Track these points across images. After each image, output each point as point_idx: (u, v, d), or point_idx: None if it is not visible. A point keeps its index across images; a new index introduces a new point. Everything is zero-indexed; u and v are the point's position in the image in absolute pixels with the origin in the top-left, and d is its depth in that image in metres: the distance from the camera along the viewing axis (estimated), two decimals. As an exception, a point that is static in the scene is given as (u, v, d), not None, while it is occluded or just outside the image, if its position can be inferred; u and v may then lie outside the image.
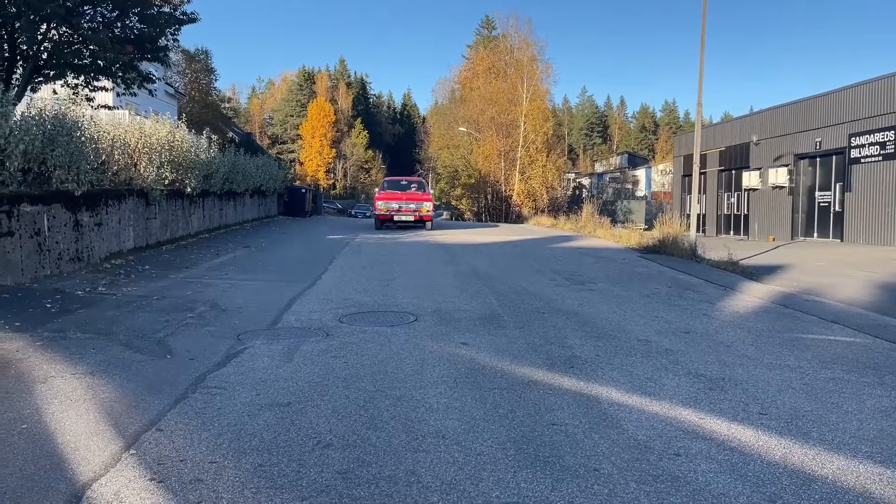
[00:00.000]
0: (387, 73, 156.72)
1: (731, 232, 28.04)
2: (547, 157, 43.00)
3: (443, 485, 3.15)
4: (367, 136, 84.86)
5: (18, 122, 8.96)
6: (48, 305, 7.40)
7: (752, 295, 9.61)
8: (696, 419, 4.15)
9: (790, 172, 23.86)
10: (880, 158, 19.61)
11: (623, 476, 3.29)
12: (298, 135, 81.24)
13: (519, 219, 39.50)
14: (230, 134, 43.34)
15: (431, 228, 21.92)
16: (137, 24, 14.66)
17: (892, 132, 19.18)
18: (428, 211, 21.94)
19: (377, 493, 3.06)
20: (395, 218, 21.46)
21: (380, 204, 21.90)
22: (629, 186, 56.30)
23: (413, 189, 23.52)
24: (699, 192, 22.07)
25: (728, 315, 7.96)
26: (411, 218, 21.59)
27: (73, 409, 4.11)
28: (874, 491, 3.20)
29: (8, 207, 8.58)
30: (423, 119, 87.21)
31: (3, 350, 5.48)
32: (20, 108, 10.15)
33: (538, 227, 29.13)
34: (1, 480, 3.12)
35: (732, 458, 3.56)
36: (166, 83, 35.60)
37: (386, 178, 27.43)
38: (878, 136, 19.64)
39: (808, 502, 3.06)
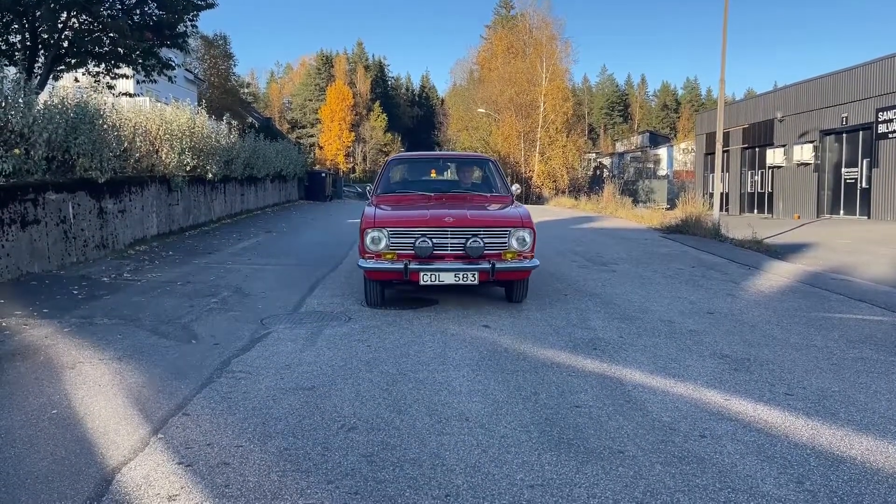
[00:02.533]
0: (405, 55, 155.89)
1: (755, 210, 27.66)
2: (567, 137, 42.68)
3: (467, 467, 3.16)
4: (386, 119, 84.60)
5: (42, 111, 9.04)
6: (75, 292, 7.51)
7: (778, 274, 9.49)
8: (722, 400, 4.11)
9: (815, 149, 23.43)
10: (909, 133, 19.18)
11: (648, 458, 3.27)
12: (317, 119, 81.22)
13: (539, 200, 39.32)
14: (250, 119, 43.53)
15: (523, 297, 6.96)
16: (156, 11, 14.71)
17: (922, 106, 18.73)
18: (520, 254, 6.38)
19: (402, 475, 3.07)
20: (422, 279, 6.15)
21: (374, 236, 6.35)
22: (651, 166, 55.72)
23: (467, 185, 8.42)
24: (722, 171, 21.77)
25: (753, 295, 7.87)
26: (471, 278, 6.16)
27: (102, 395, 4.17)
28: (905, 472, 3.15)
29: (34, 196, 8.70)
30: (442, 101, 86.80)
31: (32, 336, 5.58)
32: (43, 96, 10.25)
33: (559, 209, 29.01)
34: (32, 464, 3.18)
35: (759, 439, 3.53)
36: (186, 69, 35.79)
37: (396, 157, 9.29)
38: (907, 111, 19.19)
39: (837, 483, 3.03)
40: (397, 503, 2.82)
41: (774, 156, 25.48)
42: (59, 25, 13.49)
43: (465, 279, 6.11)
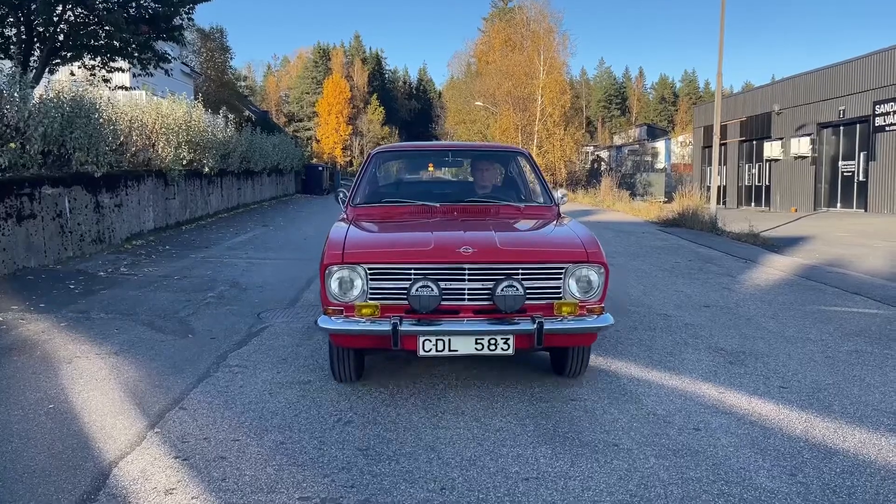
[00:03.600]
0: (402, 47, 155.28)
1: (752, 203, 27.69)
2: (564, 130, 42.60)
3: (462, 461, 3.18)
4: (383, 112, 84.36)
5: (37, 105, 9.03)
6: (71, 286, 7.51)
7: (774, 267, 9.51)
8: (716, 393, 4.14)
9: (813, 142, 23.44)
10: (906, 126, 19.20)
11: (642, 451, 3.29)
12: (315, 112, 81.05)
13: (537, 193, 39.20)
14: (247, 112, 43.39)
15: (582, 371, 4.40)
16: (152, 4, 14.67)
17: (919, 99, 18.74)
18: (582, 305, 3.89)
19: (398, 469, 3.09)
20: (423, 347, 3.73)
21: (343, 278, 3.87)
22: (648, 159, 55.71)
23: (488, 189, 5.58)
24: (719, 164, 21.77)
25: (749, 288, 7.89)
26: (503, 345, 3.75)
27: (99, 389, 4.18)
28: (897, 464, 3.17)
29: (30, 190, 8.69)
30: (439, 94, 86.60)
31: (28, 331, 5.58)
32: (38, 90, 10.23)
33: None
34: (30, 459, 3.19)
35: (753, 432, 3.55)
36: (182, 63, 35.66)
37: (385, 149, 6.15)
38: (904, 104, 19.21)
39: (830, 476, 3.05)
40: (393, 496, 2.84)
41: (772, 149, 25.49)
42: (55, 18, 13.44)
43: (492, 347, 3.73)
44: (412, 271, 3.76)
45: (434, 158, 6.77)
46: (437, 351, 3.74)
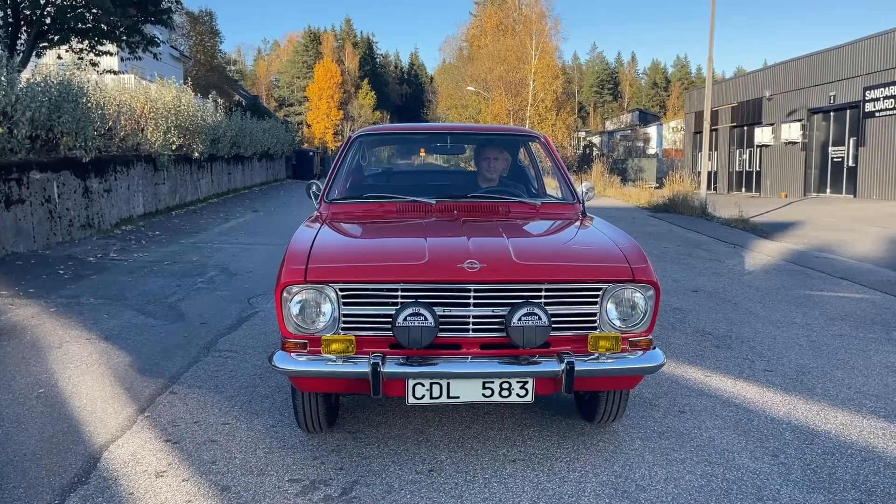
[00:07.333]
0: (393, 31, 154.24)
1: (743, 189, 27.79)
2: (557, 115, 42.58)
3: (451, 443, 3.21)
4: (375, 96, 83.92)
5: (24, 89, 8.95)
6: (61, 272, 7.49)
7: (762, 252, 9.58)
8: (702, 377, 4.19)
9: (803, 127, 23.51)
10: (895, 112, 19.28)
11: (628, 433, 3.34)
12: (305, 97, 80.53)
13: (528, 178, 39.15)
14: (236, 97, 43.15)
15: (617, 416, 3.38)
16: (139, -14, 14.52)
17: (908, 85, 18.81)
18: (625, 336, 2.97)
19: (387, 451, 3.12)
20: (414, 392, 2.82)
21: (307, 302, 2.85)
22: (640, 144, 55.68)
23: (495, 181, 4.44)
24: (710, 149, 21.84)
25: (737, 273, 7.96)
26: (520, 391, 2.84)
27: (89, 374, 4.20)
28: (877, 445, 3.23)
29: (18, 175, 8.63)
30: (431, 79, 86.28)
31: (18, 316, 5.58)
32: (25, 74, 10.14)
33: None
34: (21, 443, 3.21)
35: (737, 414, 3.60)
36: (171, 46, 35.39)
37: (368, 132, 4.90)
38: (894, 90, 19.26)
39: (811, 456, 3.11)
40: (382, 478, 2.87)
41: (763, 134, 25.55)
42: (41, 1, 13.30)
43: (505, 394, 2.85)
44: (399, 293, 2.85)
45: (429, 143, 5.67)
46: (431, 398, 2.85)
